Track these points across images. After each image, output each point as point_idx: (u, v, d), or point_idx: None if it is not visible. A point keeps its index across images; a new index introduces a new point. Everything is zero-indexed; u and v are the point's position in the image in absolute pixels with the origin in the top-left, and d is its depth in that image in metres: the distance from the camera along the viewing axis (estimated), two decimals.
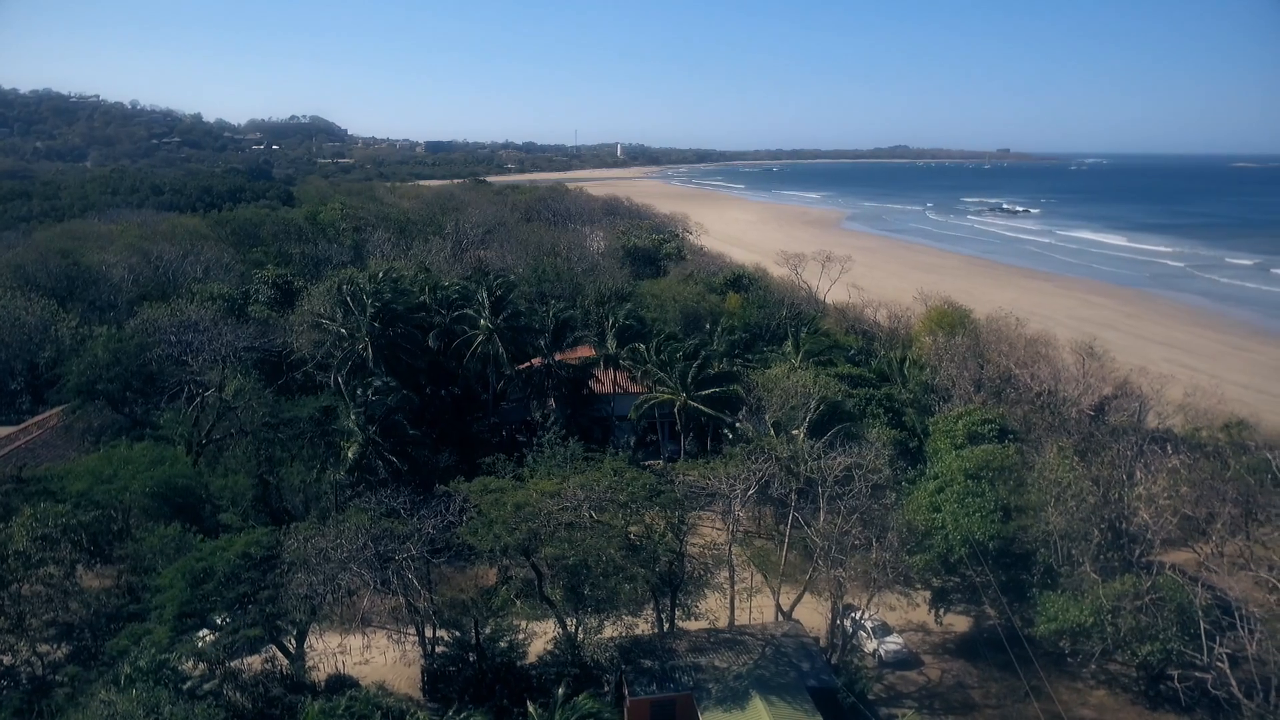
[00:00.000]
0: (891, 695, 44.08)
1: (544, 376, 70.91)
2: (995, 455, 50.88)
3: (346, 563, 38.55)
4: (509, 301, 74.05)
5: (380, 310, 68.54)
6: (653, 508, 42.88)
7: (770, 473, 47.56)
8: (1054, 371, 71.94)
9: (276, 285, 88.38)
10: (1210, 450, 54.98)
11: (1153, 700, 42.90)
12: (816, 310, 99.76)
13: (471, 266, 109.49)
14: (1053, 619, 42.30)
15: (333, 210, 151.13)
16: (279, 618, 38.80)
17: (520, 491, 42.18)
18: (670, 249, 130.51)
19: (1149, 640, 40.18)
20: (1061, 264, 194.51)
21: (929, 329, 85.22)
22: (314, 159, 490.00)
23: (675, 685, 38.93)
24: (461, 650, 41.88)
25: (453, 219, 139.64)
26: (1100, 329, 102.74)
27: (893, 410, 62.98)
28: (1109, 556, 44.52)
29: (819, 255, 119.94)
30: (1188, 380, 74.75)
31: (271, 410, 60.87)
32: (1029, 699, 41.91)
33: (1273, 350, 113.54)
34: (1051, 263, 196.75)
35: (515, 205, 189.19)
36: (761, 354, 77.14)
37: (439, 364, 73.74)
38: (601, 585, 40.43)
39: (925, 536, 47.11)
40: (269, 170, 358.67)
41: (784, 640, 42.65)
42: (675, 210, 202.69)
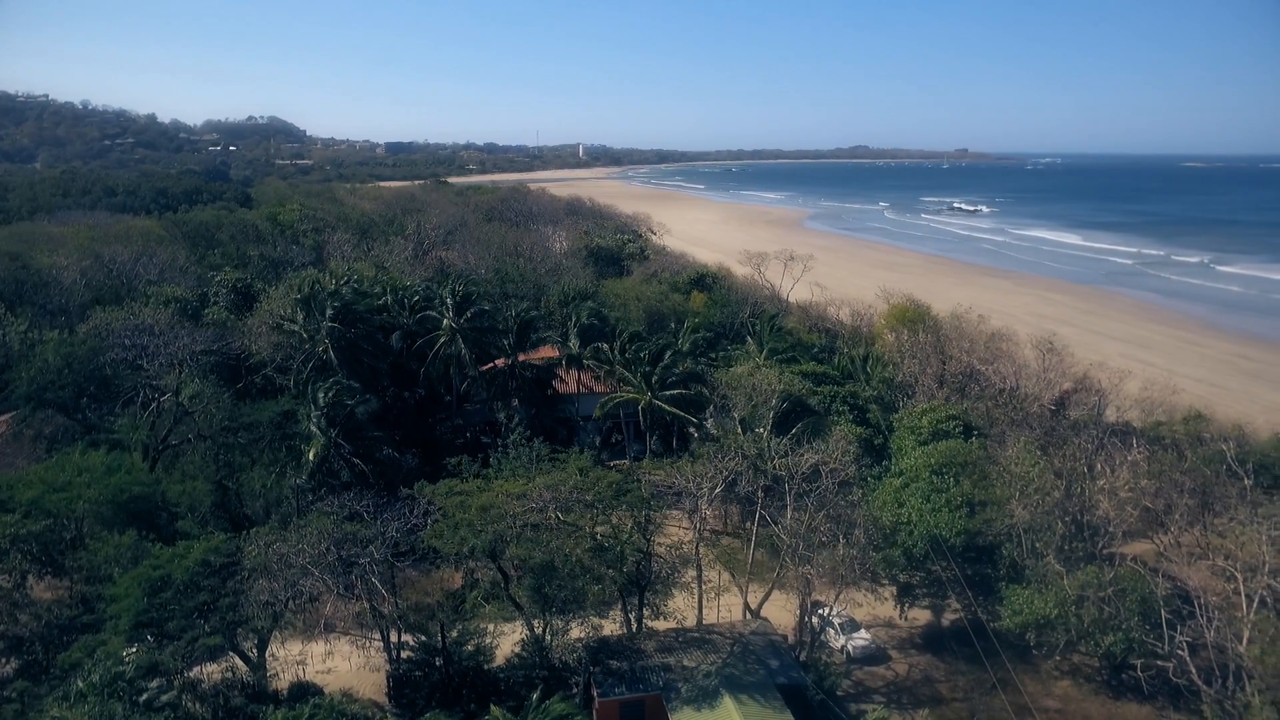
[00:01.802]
0: (860, 691, 44.20)
1: (508, 377, 70.33)
2: (959, 451, 51.31)
3: (308, 568, 37.90)
4: (472, 302, 73.42)
5: (341, 311, 67.63)
6: (619, 507, 42.64)
7: (737, 471, 47.51)
8: (1015, 367, 72.82)
9: (235, 288, 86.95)
10: (1168, 443, 55.86)
11: (1115, 690, 43.49)
12: (780, 309, 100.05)
13: (433, 268, 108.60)
14: (1018, 612, 42.74)
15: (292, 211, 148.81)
16: (239, 625, 38.01)
17: (485, 493, 41.75)
18: (633, 249, 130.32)
19: (1112, 630, 40.76)
20: (1019, 262, 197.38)
21: (891, 326, 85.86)
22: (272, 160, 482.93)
23: (644, 686, 38.70)
24: (427, 655, 41.36)
25: (414, 220, 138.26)
26: (1059, 325, 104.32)
27: (857, 407, 63.25)
28: (1072, 548, 45.03)
29: (781, 254, 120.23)
30: (1144, 375, 76.09)
31: (230, 414, 59.88)
32: (995, 691, 42.23)
33: (1223, 345, 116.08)
34: (1009, 261, 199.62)
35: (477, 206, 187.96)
36: (726, 352, 77.18)
37: (402, 365, 72.95)
38: (568, 586, 40.10)
39: (891, 532, 47.35)
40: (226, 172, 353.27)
41: (752, 638, 42.59)
42: (638, 210, 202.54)
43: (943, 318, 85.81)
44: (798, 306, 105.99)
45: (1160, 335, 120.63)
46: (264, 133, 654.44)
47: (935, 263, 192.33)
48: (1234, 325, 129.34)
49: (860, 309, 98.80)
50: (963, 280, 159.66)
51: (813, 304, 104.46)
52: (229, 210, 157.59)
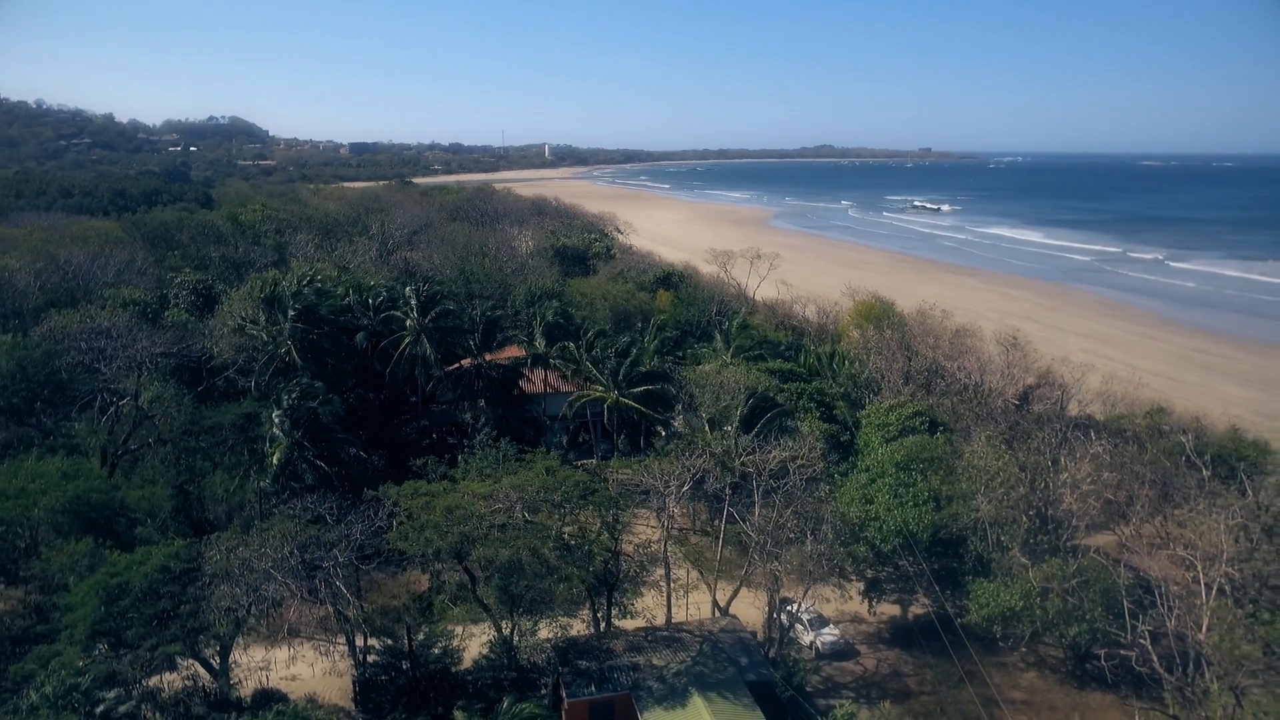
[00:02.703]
0: (829, 686, 44.32)
1: (474, 377, 69.78)
2: (925, 446, 51.63)
3: (271, 572, 37.31)
4: (437, 302, 72.80)
5: (304, 312, 66.77)
6: (586, 507, 42.40)
7: (704, 468, 47.45)
8: (980, 363, 73.65)
9: (195, 289, 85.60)
10: (1129, 435, 56.64)
11: (1080, 679, 44.00)
12: (746, 307, 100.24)
13: (398, 268, 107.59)
14: (985, 605, 43.12)
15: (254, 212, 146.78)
16: (201, 632, 37.31)
17: (451, 494, 41.35)
18: (599, 248, 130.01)
19: (1076, 621, 41.26)
20: (982, 259, 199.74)
21: (857, 323, 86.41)
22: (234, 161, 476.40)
23: (613, 685, 38.49)
24: (394, 658, 40.86)
25: (378, 220, 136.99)
26: (1022, 321, 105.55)
27: (824, 404, 63.46)
28: (1036, 541, 45.47)
29: (748, 253, 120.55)
30: (1105, 369, 77.16)
31: (191, 418, 59.01)
32: (963, 684, 42.54)
33: (1180, 339, 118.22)
34: (973, 258, 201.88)
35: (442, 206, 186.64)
36: (693, 351, 77.20)
37: (366, 366, 72.16)
38: (536, 586, 39.84)
39: (859, 528, 47.54)
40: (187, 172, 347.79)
41: (721, 636, 42.54)
42: (604, 210, 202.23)
43: (908, 315, 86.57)
44: (764, 304, 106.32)
45: (1120, 330, 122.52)
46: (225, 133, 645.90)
47: (900, 260, 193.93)
48: (1190, 320, 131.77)
49: (826, 306, 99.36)
50: (927, 278, 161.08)
51: (779, 302, 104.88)
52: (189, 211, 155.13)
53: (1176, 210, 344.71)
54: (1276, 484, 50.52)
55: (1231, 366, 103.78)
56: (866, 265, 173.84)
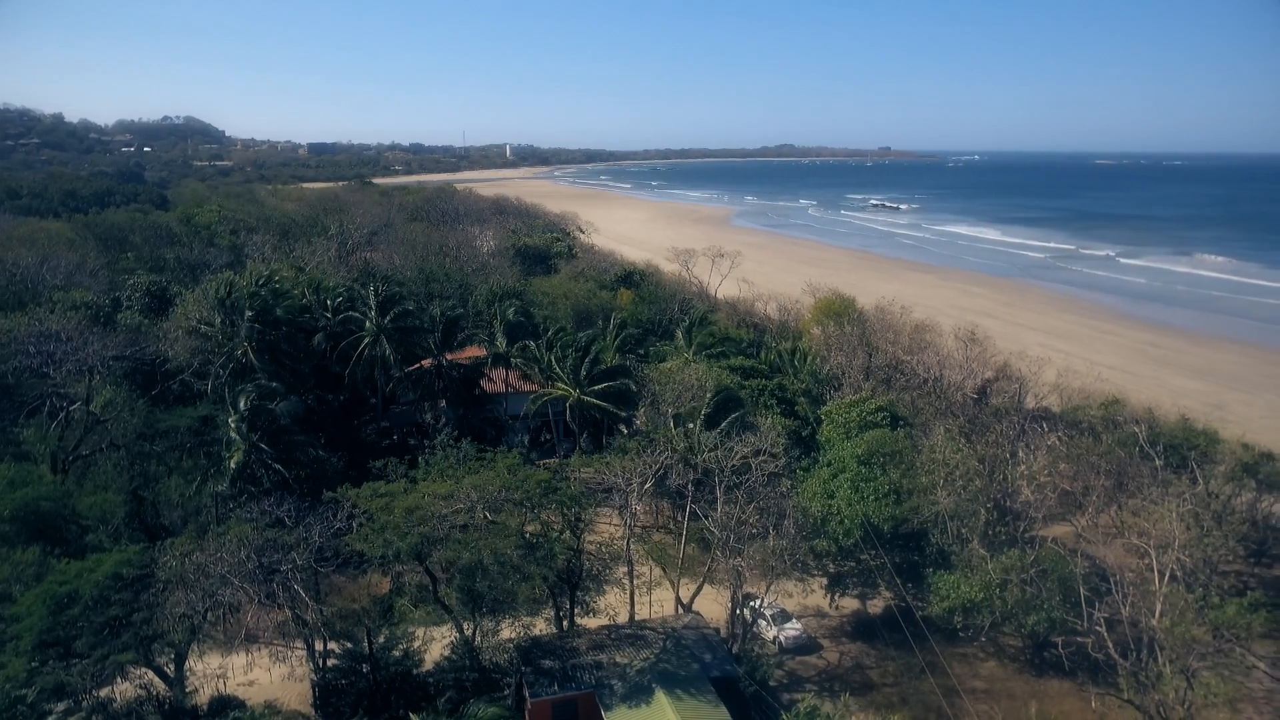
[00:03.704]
0: (793, 680, 44.50)
1: (434, 378, 69.19)
2: (886, 440, 52.03)
3: (228, 577, 36.64)
4: (396, 302, 72.10)
5: (261, 313, 65.81)
6: (549, 505, 42.16)
7: (666, 465, 47.42)
8: (939, 358, 74.49)
9: (149, 291, 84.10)
10: (1085, 427, 57.54)
11: (1038, 668, 44.58)
12: (708, 305, 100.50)
13: (358, 268, 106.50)
14: (945, 597, 43.57)
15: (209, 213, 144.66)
16: (154, 640, 36.50)
17: (411, 495, 40.87)
18: (561, 248, 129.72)
19: (1034, 611, 41.80)
20: (941, 256, 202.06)
21: (818, 320, 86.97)
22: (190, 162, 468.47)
23: (577, 684, 38.30)
24: (354, 662, 40.36)
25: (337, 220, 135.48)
26: (980, 317, 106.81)
27: (785, 400, 63.78)
28: (995, 533, 46.04)
29: (709, 251, 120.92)
30: (1061, 363, 78.35)
31: (146, 422, 57.92)
32: (924, 675, 42.89)
33: (1133, 333, 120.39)
34: (932, 255, 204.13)
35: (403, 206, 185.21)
36: (655, 348, 77.22)
37: (325, 368, 71.29)
38: (498, 586, 39.56)
39: (821, 523, 47.82)
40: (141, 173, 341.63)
41: (685, 633, 42.52)
42: (565, 209, 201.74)
43: (868, 311, 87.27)
44: (726, 302, 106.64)
45: (1075, 325, 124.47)
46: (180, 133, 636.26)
47: (860, 258, 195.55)
48: (1142, 315, 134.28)
49: (787, 304, 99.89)
50: (887, 275, 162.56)
51: (740, 300, 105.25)
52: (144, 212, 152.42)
53: (1128, 208, 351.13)
54: (1225, 472, 51.78)
55: (1182, 359, 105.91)
56: (827, 263, 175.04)
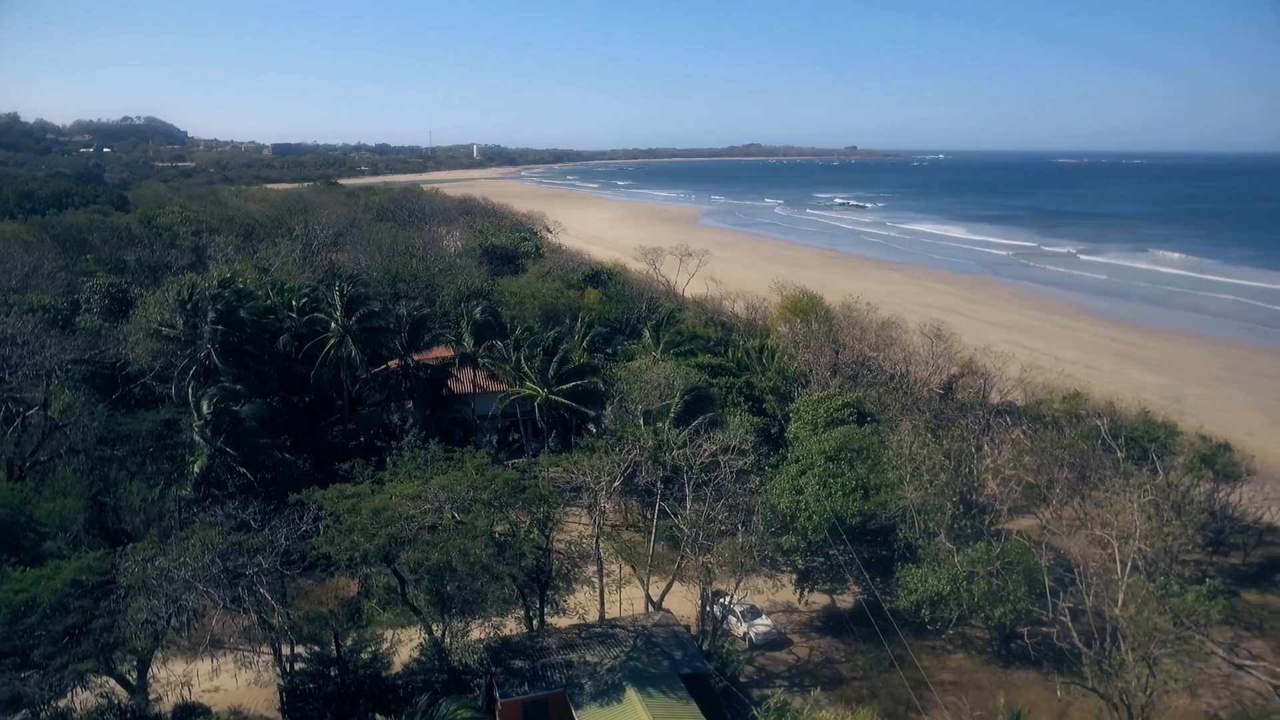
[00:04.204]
0: (763, 676, 44.66)
1: (401, 378, 68.67)
2: (853, 436, 52.39)
3: (192, 582, 36.07)
4: (362, 302, 71.48)
5: (224, 314, 64.94)
6: (517, 505, 41.99)
7: (635, 463, 47.40)
8: (905, 354, 75.15)
9: (109, 293, 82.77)
10: (1048, 421, 58.27)
11: (1005, 659, 45.09)
12: (676, 304, 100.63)
13: (323, 269, 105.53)
14: (913, 590, 43.95)
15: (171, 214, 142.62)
16: (116, 647, 35.86)
17: (378, 496, 40.54)
18: (528, 247, 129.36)
19: (1001, 603, 42.29)
20: (907, 254, 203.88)
21: (785, 318, 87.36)
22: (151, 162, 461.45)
23: (547, 684, 38.17)
24: (321, 665, 39.94)
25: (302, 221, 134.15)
26: (945, 314, 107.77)
27: (753, 398, 64.03)
28: (961, 527, 46.48)
29: (677, 250, 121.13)
30: (1025, 358, 79.25)
31: (106, 426, 56.90)
32: (893, 668, 43.21)
33: (1095, 329, 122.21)
34: (898, 253, 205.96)
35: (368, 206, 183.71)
36: (623, 347, 77.21)
37: (290, 370, 70.57)
38: (467, 586, 39.35)
39: (789, 519, 48.05)
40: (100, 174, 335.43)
41: (655, 630, 42.51)
42: (533, 209, 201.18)
43: (835, 309, 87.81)
44: (694, 301, 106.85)
45: (1039, 321, 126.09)
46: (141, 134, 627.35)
47: (827, 256, 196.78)
48: (1104, 310, 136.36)
49: (755, 302, 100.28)
50: (853, 272, 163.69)
51: (708, 298, 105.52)
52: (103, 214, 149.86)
53: (1089, 206, 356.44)
54: (1184, 464, 52.72)
55: (1142, 354, 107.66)
56: (794, 261, 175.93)
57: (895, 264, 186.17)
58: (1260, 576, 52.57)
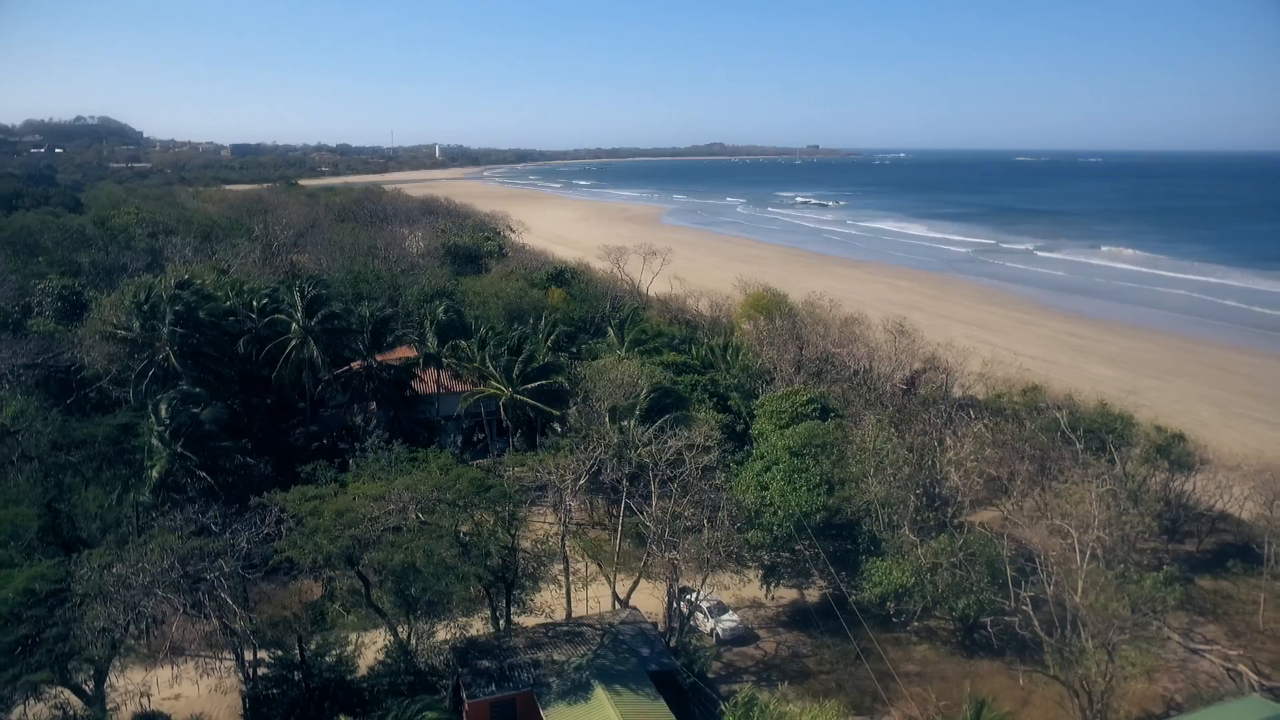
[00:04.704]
0: (731, 671, 44.81)
1: (364, 379, 68.07)
2: (817, 432, 52.74)
3: (150, 588, 35.43)
4: (323, 303, 70.74)
5: (183, 316, 63.94)
6: (482, 505, 41.76)
7: (600, 461, 47.35)
8: (868, 350, 75.85)
9: (62, 296, 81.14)
10: (1009, 414, 59.08)
11: (969, 649, 45.63)
12: (640, 302, 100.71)
13: (284, 270, 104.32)
14: (878, 583, 44.32)
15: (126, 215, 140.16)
16: (72, 657, 35.15)
17: (342, 498, 40.16)
18: (491, 247, 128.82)
19: (964, 594, 42.81)
20: (869, 252, 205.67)
21: (749, 315, 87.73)
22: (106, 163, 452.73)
23: (514, 684, 37.99)
24: (285, 670, 39.45)
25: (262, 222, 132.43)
26: (907, 310, 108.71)
27: (718, 395, 64.20)
28: (925, 519, 46.99)
29: (641, 249, 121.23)
30: (986, 353, 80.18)
31: (60, 431, 55.75)
32: (859, 660, 43.58)
33: (1053, 323, 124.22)
34: (860, 251, 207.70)
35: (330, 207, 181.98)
36: (588, 346, 77.11)
37: (251, 372, 69.64)
38: (432, 587, 39.07)
39: (755, 514, 48.21)
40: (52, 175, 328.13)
41: (622, 628, 42.48)
42: (496, 209, 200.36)
43: (798, 306, 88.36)
44: (658, 299, 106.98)
45: (999, 317, 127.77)
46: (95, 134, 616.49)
47: (790, 254, 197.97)
48: (1061, 306, 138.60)
49: (719, 300, 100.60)
50: (817, 270, 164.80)
51: (672, 296, 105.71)
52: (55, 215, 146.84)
53: (1046, 203, 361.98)
54: (1140, 454, 53.72)
55: (1099, 348, 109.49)
56: (758, 259, 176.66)
57: (857, 261, 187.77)
58: (1213, 563, 53.70)
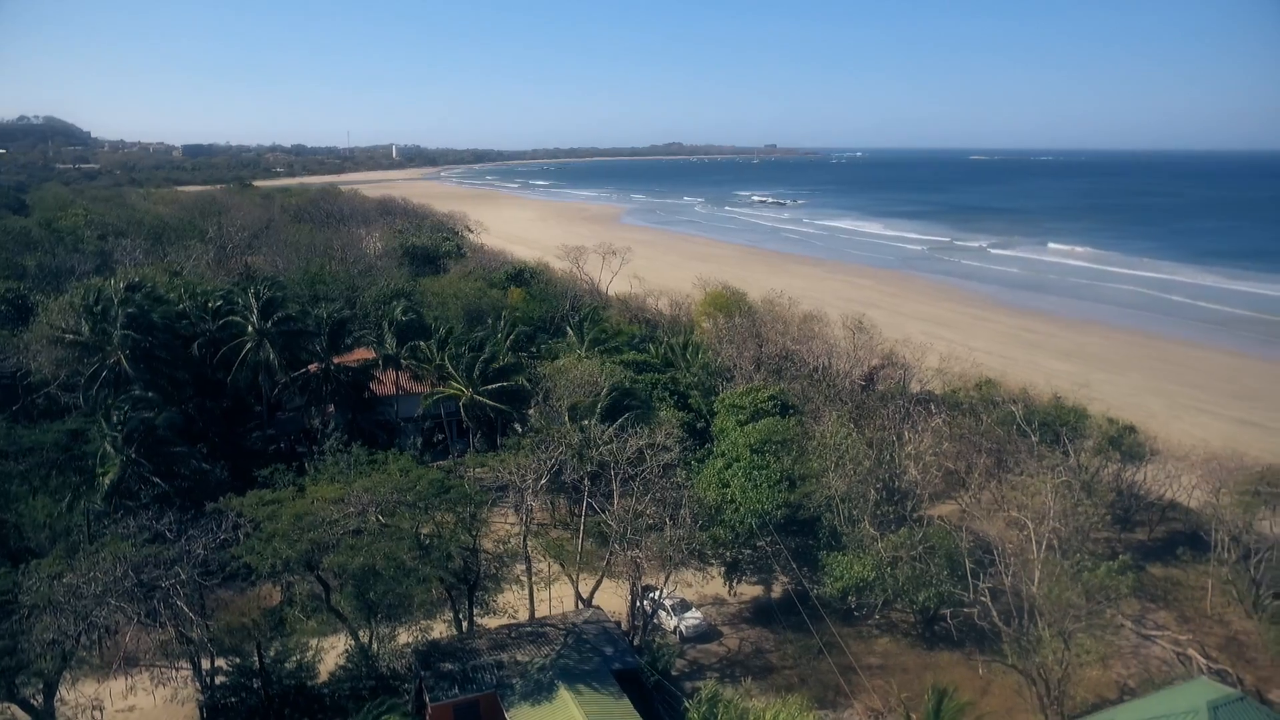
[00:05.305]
0: (694, 668, 44.92)
1: (322, 382, 67.18)
2: (777, 428, 53.06)
3: (103, 597, 34.67)
4: (280, 304, 69.75)
5: (135, 319, 62.66)
6: (442, 505, 41.44)
7: (561, 460, 47.24)
8: (827, 347, 76.42)
9: (7, 300, 79.19)
10: (966, 408, 59.89)
11: (929, 641, 46.20)
12: (600, 302, 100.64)
13: (238, 272, 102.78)
14: (839, 577, 44.68)
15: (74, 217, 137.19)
16: (19, 671, 34.25)
17: (300, 501, 39.62)
18: (450, 247, 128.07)
19: (924, 586, 43.35)
20: (827, 250, 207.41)
21: (708, 313, 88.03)
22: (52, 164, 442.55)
23: (477, 685, 37.77)
24: (244, 678, 38.89)
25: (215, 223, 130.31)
26: (866, 307, 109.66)
27: (678, 393, 64.34)
28: (885, 513, 47.48)
29: (600, 249, 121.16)
30: (943, 349, 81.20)
31: (6, 439, 54.39)
32: (822, 655, 43.90)
33: (1008, 320, 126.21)
34: (818, 249, 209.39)
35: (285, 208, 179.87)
36: (547, 345, 76.88)
37: (205, 375, 68.44)
38: (393, 590, 38.68)
39: (716, 511, 48.38)
40: None
41: (586, 627, 42.43)
42: (454, 209, 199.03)
43: (757, 304, 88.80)
44: (617, 299, 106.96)
45: (955, 313, 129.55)
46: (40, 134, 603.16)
47: (749, 253, 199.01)
48: (1016, 302, 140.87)
49: (678, 299, 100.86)
50: (775, 268, 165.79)
51: (632, 296, 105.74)
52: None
53: (1000, 201, 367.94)
54: (1093, 446, 54.75)
55: (1052, 343, 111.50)
56: (716, 258, 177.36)
57: (815, 259, 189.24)
58: (1164, 550, 54.90)
